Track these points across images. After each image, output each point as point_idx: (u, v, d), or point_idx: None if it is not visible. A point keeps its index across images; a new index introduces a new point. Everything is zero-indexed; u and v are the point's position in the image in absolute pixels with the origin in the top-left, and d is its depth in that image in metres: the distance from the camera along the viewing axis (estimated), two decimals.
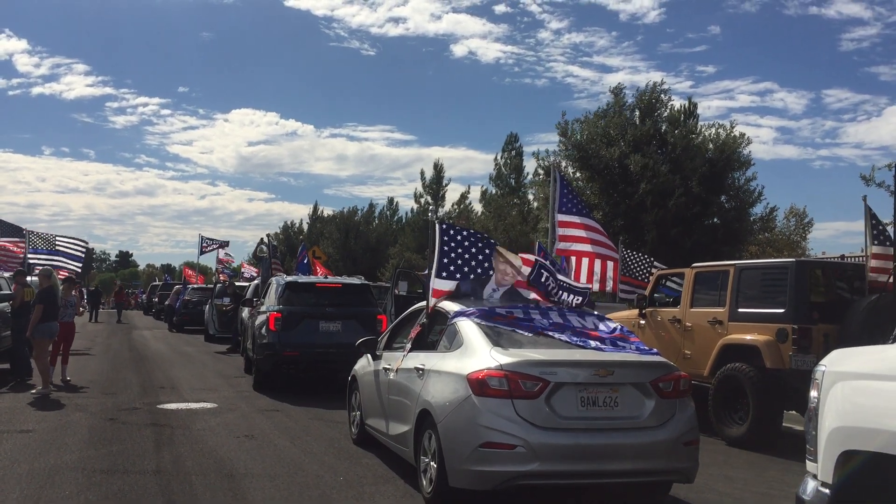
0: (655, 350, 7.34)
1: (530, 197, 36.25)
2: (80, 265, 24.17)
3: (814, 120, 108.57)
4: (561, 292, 7.95)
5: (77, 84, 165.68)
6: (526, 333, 6.85)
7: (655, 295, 12.37)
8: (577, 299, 7.98)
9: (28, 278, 15.44)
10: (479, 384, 6.09)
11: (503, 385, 6.02)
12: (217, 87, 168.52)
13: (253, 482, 7.23)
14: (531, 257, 8.25)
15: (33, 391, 12.39)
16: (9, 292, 15.19)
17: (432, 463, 6.48)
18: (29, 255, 22.39)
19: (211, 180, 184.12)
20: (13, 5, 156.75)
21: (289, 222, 66.87)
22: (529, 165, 42.31)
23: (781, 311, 9.78)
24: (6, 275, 17.11)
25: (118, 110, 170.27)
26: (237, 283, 24.86)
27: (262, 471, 7.69)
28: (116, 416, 10.64)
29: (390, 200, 58.00)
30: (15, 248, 23.47)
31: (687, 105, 25.67)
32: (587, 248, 13.03)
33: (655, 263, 16.45)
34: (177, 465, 7.82)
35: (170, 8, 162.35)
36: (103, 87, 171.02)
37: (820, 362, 4.48)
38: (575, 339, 6.85)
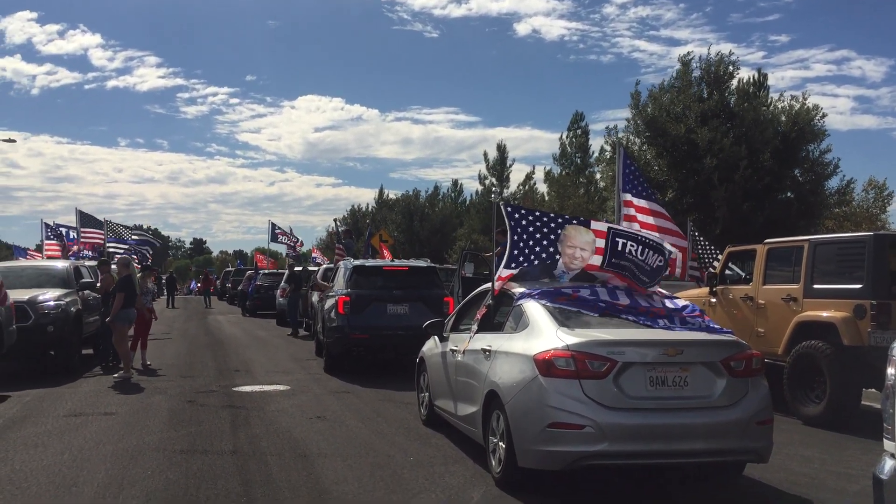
0: (726, 328, 7.22)
1: (597, 176, 35.86)
2: (151, 255, 25.08)
3: (894, 88, 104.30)
4: (642, 261, 7.72)
5: (149, 76, 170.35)
6: (592, 314, 6.81)
7: (727, 272, 12.12)
8: (659, 260, 7.77)
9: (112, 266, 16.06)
10: (545, 365, 6.09)
11: (570, 365, 6.01)
12: (283, 75, 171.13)
13: (326, 462, 7.39)
14: (602, 227, 7.88)
15: (115, 375, 12.85)
16: (90, 280, 15.82)
17: (501, 443, 6.52)
18: (108, 244, 23.23)
19: (279, 167, 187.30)
20: (87, 2, 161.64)
21: (356, 206, 67.59)
22: (595, 144, 41.83)
23: (859, 286, 9.48)
24: (90, 263, 17.80)
25: (189, 101, 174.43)
26: (296, 268, 25.28)
27: (334, 451, 7.85)
28: (194, 398, 10.98)
29: (455, 182, 58.11)
30: (96, 239, 24.42)
31: (756, 76, 24.95)
32: (654, 235, 12.66)
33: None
34: (252, 446, 8.04)
35: None
36: (174, 79, 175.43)
37: None
38: (643, 318, 6.78)
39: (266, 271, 34.47)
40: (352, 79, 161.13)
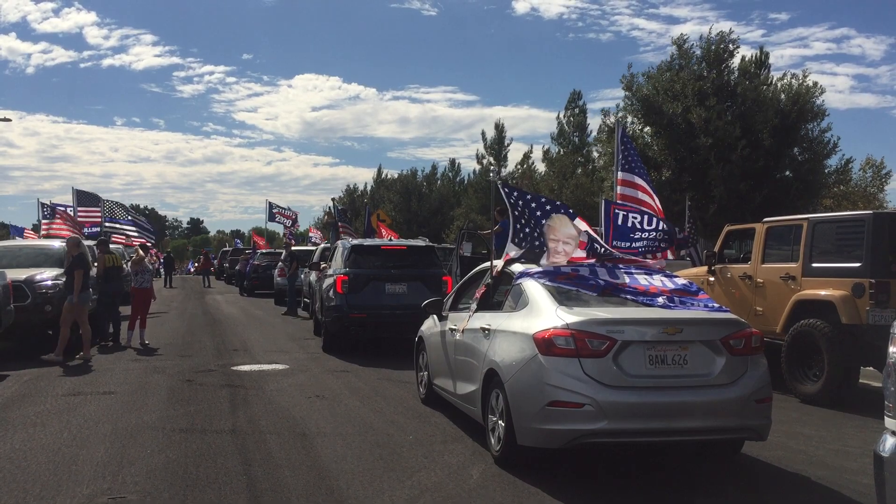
0: (725, 307, 7.22)
1: (595, 155, 35.76)
2: (153, 237, 24.94)
3: (893, 66, 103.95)
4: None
5: (145, 55, 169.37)
6: (591, 293, 6.80)
7: (725, 251, 12.12)
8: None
9: (111, 246, 16.05)
10: (545, 343, 6.09)
11: (570, 344, 6.01)
12: (280, 54, 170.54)
13: (325, 441, 7.41)
14: (583, 227, 7.84)
15: (45, 356, 12.20)
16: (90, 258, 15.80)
17: (500, 422, 6.53)
18: (105, 224, 23.15)
19: (276, 146, 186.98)
20: None
21: (352, 186, 67.39)
22: (593, 123, 41.73)
23: (858, 265, 9.49)
24: (89, 243, 17.76)
25: (185, 79, 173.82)
26: (293, 248, 25.29)
27: (333, 430, 7.86)
28: (193, 377, 10.99)
29: (452, 162, 57.92)
30: (91, 218, 24.30)
31: (758, 55, 24.81)
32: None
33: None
34: (252, 425, 8.05)
35: None
36: (170, 57, 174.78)
37: None
38: (642, 297, 6.77)
39: (264, 251, 34.47)
40: (349, 57, 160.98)
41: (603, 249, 7.73)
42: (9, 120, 38.74)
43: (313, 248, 27.15)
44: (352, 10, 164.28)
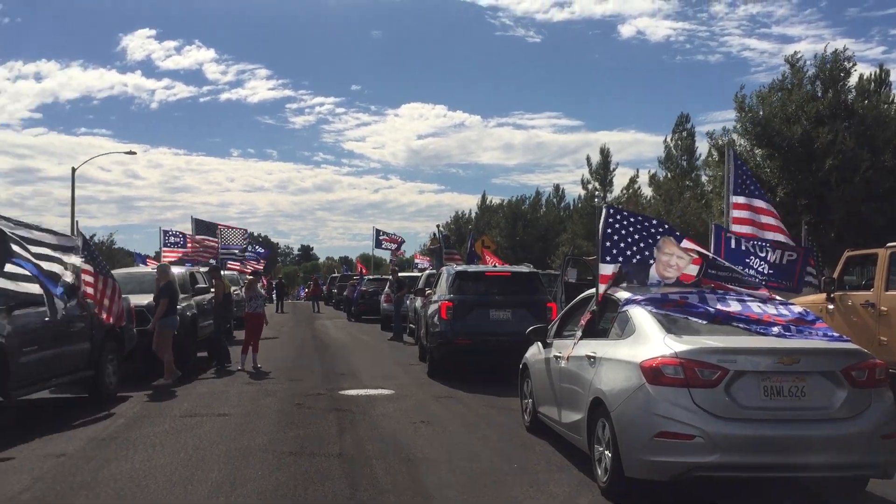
0: (846, 336, 6.88)
1: (704, 179, 34.87)
2: (262, 262, 25.73)
3: None
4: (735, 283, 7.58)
5: (260, 88, 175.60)
6: (701, 320, 6.60)
7: (846, 278, 11.56)
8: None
9: (226, 273, 16.71)
10: (653, 372, 5.94)
11: (679, 373, 5.84)
12: (387, 84, 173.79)
13: (430, 467, 7.42)
14: (700, 250, 7.83)
15: (156, 382, 12.77)
16: (204, 285, 16.52)
17: (607, 452, 6.39)
18: (221, 251, 24.10)
19: (383, 174, 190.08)
20: (202, 19, 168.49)
21: (459, 213, 67.90)
22: (702, 146, 40.68)
23: None
24: (203, 270, 18.56)
25: (297, 111, 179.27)
26: (400, 274, 25.64)
27: (438, 456, 7.88)
28: (302, 401, 11.24)
29: (556, 188, 57.72)
30: (211, 242, 25.34)
31: (878, 73, 23.73)
32: (770, 235, 12.14)
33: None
34: (358, 449, 8.16)
35: (342, 9, 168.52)
36: (283, 90, 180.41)
37: None
38: (755, 325, 6.53)
39: (370, 277, 35.08)
40: (454, 86, 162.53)
41: (718, 272, 7.53)
42: (134, 153, 41.14)
43: (419, 274, 27.45)
44: (457, 39, 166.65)
